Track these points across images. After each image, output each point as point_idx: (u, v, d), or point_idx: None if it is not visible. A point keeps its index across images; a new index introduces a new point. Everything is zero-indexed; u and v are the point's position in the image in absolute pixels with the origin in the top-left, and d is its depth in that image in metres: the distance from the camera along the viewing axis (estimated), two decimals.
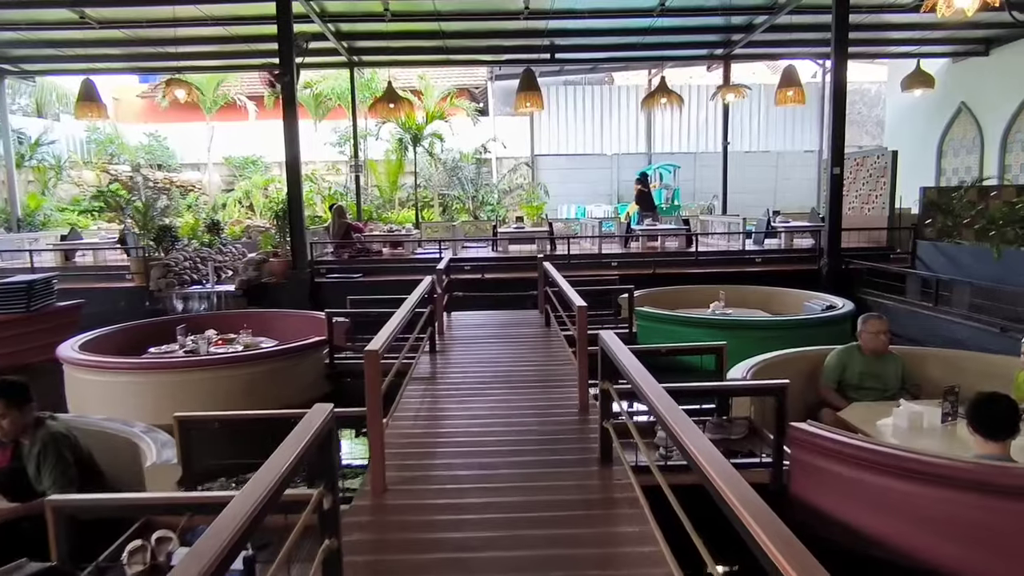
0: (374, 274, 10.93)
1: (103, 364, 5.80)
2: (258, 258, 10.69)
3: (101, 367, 5.77)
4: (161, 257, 10.94)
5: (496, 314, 8.36)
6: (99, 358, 5.88)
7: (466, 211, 17.97)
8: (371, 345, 3.15)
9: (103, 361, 5.86)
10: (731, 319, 7.28)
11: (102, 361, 5.84)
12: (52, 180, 19.14)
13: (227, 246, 12.87)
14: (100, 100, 11.97)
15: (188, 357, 6.15)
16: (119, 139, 21.25)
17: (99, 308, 10.53)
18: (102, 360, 5.87)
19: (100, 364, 5.79)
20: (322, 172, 20.11)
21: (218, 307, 10.31)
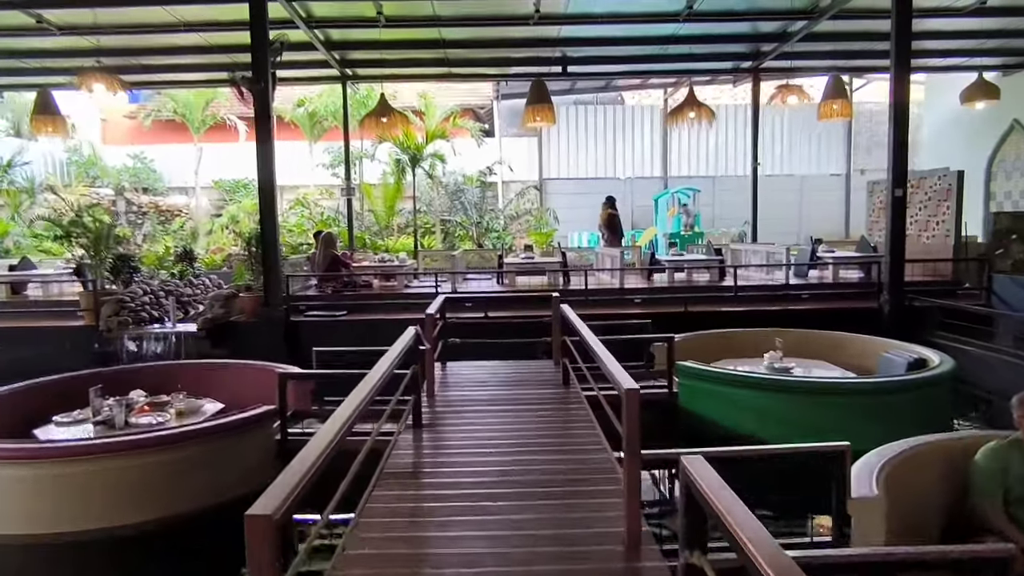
0: (361, 312, 9.44)
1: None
2: (226, 293, 9.22)
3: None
4: (115, 291, 9.49)
5: (501, 366, 6.85)
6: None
7: (469, 238, 16.56)
8: (259, 507, 1.62)
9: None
10: (806, 380, 5.71)
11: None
12: (25, 204, 17.87)
13: (200, 278, 11.43)
14: (59, 113, 10.65)
15: (78, 442, 4.56)
16: (100, 160, 20.01)
17: (41, 351, 9.08)
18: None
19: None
20: (315, 196, 18.76)
21: (176, 350, 8.83)
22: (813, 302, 9.63)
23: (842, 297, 9.73)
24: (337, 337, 9.01)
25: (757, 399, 5.50)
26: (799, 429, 5.20)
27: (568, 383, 5.95)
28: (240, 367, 6.40)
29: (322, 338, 9.03)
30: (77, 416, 5.22)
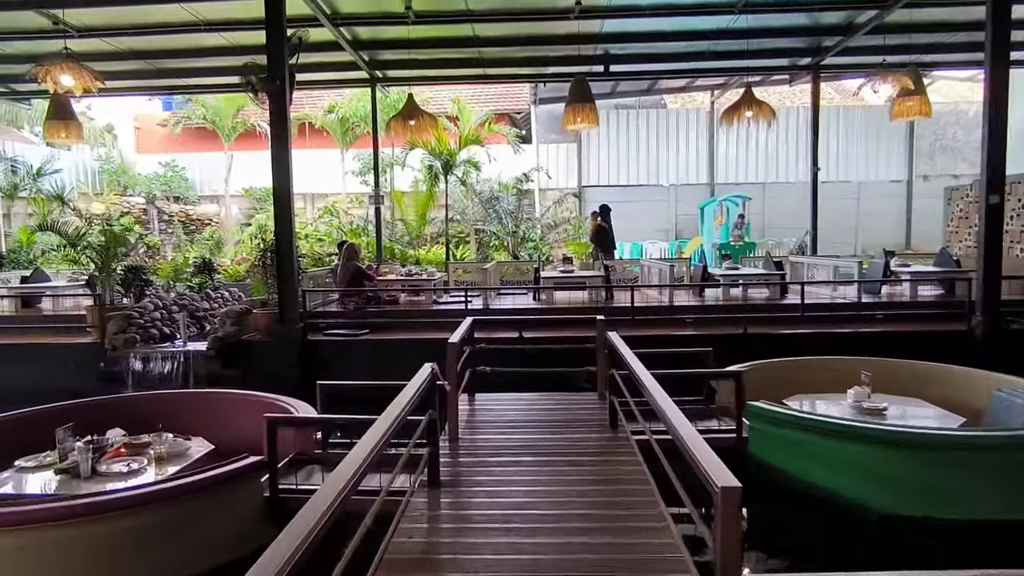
0: (385, 331, 8.64)
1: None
2: (238, 309, 8.52)
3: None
4: (124, 306, 8.88)
5: (538, 399, 5.95)
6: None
7: (505, 248, 15.71)
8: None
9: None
10: (920, 433, 4.61)
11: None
12: (56, 212, 17.63)
13: (219, 290, 10.80)
14: (73, 118, 10.12)
15: (18, 508, 3.71)
16: (131, 169, 19.76)
17: (44, 370, 8.49)
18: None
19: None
20: (345, 205, 18.15)
21: (185, 371, 8.15)
22: (889, 323, 8.51)
23: (924, 318, 8.58)
24: (357, 358, 8.24)
25: (854, 453, 4.48)
26: (910, 493, 4.19)
27: (616, 425, 5.02)
28: (238, 399, 5.63)
29: (341, 359, 8.28)
30: (44, 459, 4.49)
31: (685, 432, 2.74)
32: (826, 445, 4.50)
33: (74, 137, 10.11)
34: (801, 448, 4.65)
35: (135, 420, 5.25)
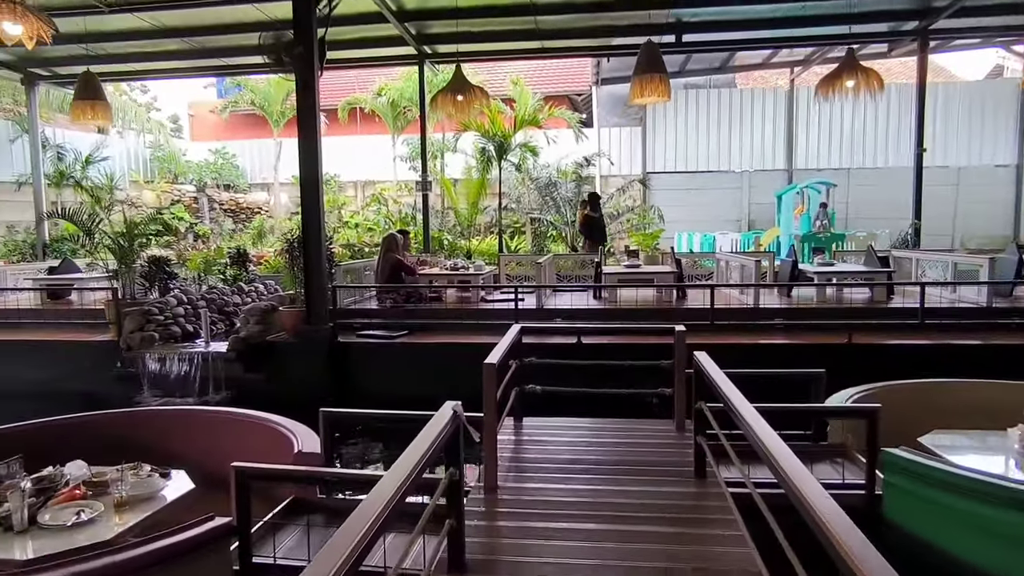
0: (425, 333, 7.64)
1: None
2: (263, 306, 7.65)
3: None
4: (143, 301, 8.14)
5: (600, 428, 4.80)
6: None
7: (562, 239, 14.52)
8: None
9: None
10: None
11: None
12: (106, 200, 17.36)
13: (253, 283, 10.03)
14: (101, 97, 9.47)
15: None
16: (182, 156, 19.40)
17: (60, 368, 7.84)
18: None
19: None
20: (394, 193, 17.29)
21: (203, 374, 7.33)
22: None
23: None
24: (392, 364, 7.26)
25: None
26: None
27: (704, 472, 3.84)
28: (228, 420, 4.67)
29: (373, 365, 7.32)
30: None
31: (809, 490, 1.80)
32: (1009, 521, 3.21)
33: (101, 117, 9.47)
34: (966, 520, 3.37)
35: (110, 443, 4.37)
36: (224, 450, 4.49)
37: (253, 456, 4.05)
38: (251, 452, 4.29)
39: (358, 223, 17.02)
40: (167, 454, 4.35)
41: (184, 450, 4.48)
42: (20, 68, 12.58)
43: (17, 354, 7.93)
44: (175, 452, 4.44)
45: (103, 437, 4.44)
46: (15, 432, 4.19)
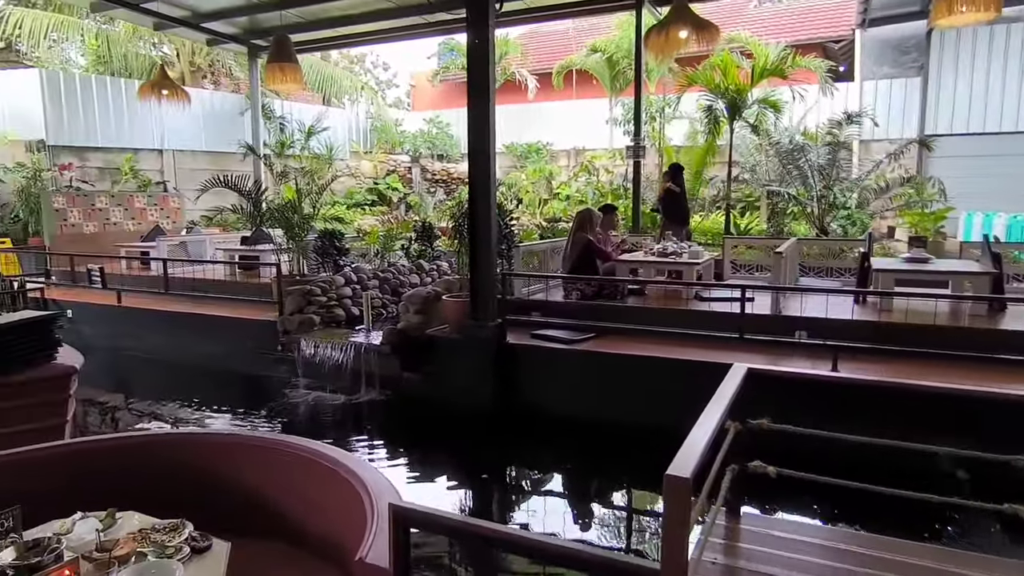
0: (618, 339, 5.90)
1: None
2: (425, 293, 6.44)
3: None
4: (310, 279, 7.38)
5: (879, 552, 2.72)
6: None
7: (807, 218, 11.75)
8: None
9: None
10: None
11: None
12: (327, 170, 17.88)
13: (437, 261, 9.02)
14: (291, 59, 8.94)
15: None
16: (399, 126, 19.43)
17: (224, 347, 7.39)
18: None
19: None
20: (606, 161, 15.53)
21: (356, 368, 6.34)
22: None
23: None
24: (570, 377, 5.65)
25: None
26: None
27: None
28: (294, 457, 3.35)
29: (547, 376, 5.76)
30: None
31: None
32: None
33: (291, 80, 8.93)
34: None
35: (149, 472, 3.30)
36: (273, 494, 3.25)
37: (314, 511, 2.78)
38: (308, 503, 3.02)
39: (568, 195, 15.62)
40: (198, 492, 3.21)
41: (234, 488, 3.30)
42: (244, 41, 12.84)
43: (191, 327, 7.66)
44: (212, 490, 3.27)
45: (128, 465, 3.37)
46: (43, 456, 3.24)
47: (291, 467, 3.27)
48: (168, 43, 16.58)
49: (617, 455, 5.16)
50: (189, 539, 2.80)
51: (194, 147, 15.15)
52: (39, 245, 10.82)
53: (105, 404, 6.80)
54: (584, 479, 4.97)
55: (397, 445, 5.67)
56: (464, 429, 5.71)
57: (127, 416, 6.46)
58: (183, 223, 12.69)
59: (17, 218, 11.84)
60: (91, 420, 6.34)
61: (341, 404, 6.24)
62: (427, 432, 5.84)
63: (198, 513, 3.08)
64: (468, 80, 6.03)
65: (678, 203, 9.31)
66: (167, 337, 7.89)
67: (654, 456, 4.97)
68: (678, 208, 9.28)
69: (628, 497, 4.77)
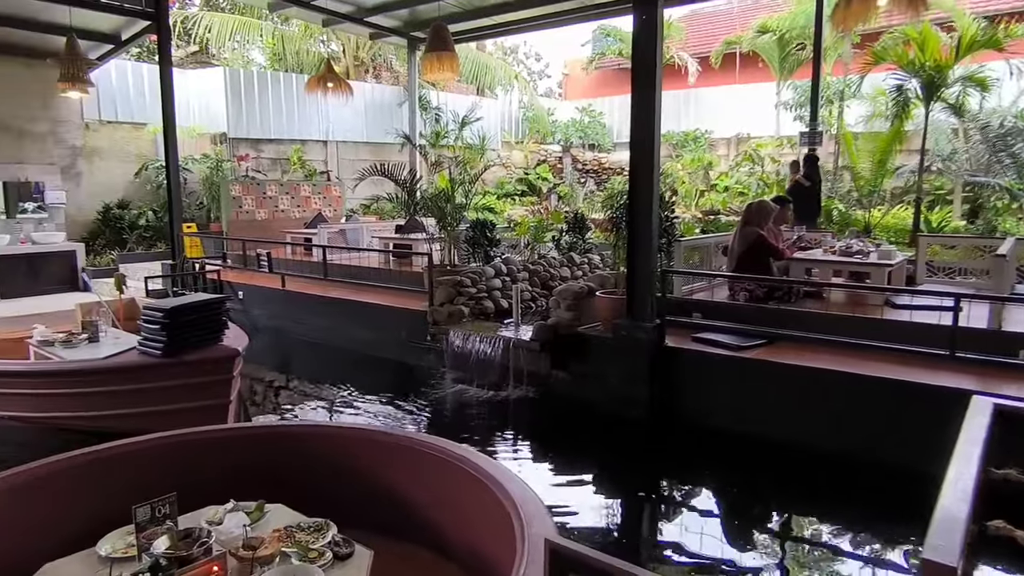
0: (793, 347, 5.22)
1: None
2: (577, 288, 6.09)
3: None
4: (460, 269, 7.28)
5: None
6: None
7: (1016, 213, 10.11)
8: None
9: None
10: None
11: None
12: (479, 160, 18.03)
13: (589, 254, 8.67)
14: (447, 48, 8.91)
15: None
16: (551, 115, 19.19)
17: (377, 334, 7.49)
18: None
19: None
20: (771, 150, 14.33)
21: (503, 363, 6.12)
22: None
23: None
24: (737, 388, 5.08)
25: None
26: None
27: None
28: (440, 457, 3.08)
29: (710, 384, 5.22)
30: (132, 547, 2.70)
31: None
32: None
33: (447, 69, 8.89)
34: None
35: (299, 463, 3.22)
36: (417, 496, 3.05)
37: (458, 519, 2.55)
38: (452, 510, 2.79)
39: (727, 186, 14.65)
40: (342, 486, 3.08)
41: (365, 484, 3.15)
42: (404, 33, 13.14)
43: (346, 313, 7.84)
44: (355, 485, 3.14)
45: (286, 455, 3.29)
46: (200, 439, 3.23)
47: (436, 470, 3.05)
48: (335, 40, 17.44)
49: (792, 481, 4.55)
50: (332, 543, 2.66)
51: (355, 138, 15.82)
52: (218, 231, 11.70)
53: (269, 382, 7.11)
54: (754, 505, 4.41)
55: (542, 446, 5.38)
56: (615, 436, 5.32)
57: (287, 396, 6.70)
58: (343, 211, 13.24)
59: (202, 205, 12.91)
60: (256, 397, 6.62)
61: (487, 399, 6.06)
62: (575, 435, 5.51)
63: (340, 507, 2.96)
64: (632, 63, 5.56)
65: (808, 198, 8.35)
66: (324, 321, 8.16)
67: (840, 485, 4.36)
68: (808, 203, 8.31)
69: (806, 531, 4.16)
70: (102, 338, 5.70)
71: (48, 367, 5.22)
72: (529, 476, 4.65)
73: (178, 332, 4.73)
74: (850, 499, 4.29)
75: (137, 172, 12.75)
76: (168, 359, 4.70)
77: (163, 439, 3.15)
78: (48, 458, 2.81)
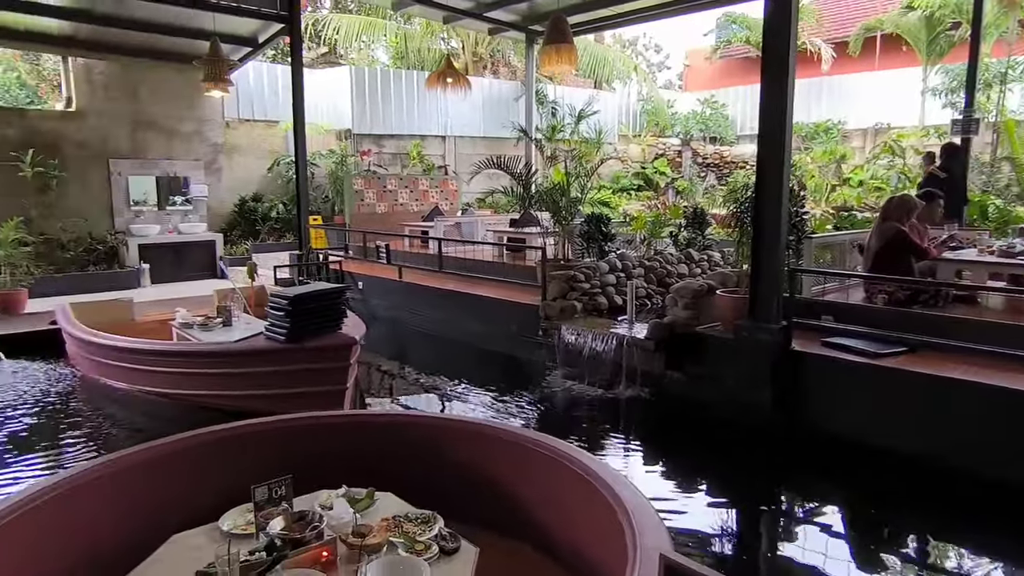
0: (940, 357, 4.71)
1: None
2: (696, 286, 5.80)
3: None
4: (574, 264, 7.15)
5: None
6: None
7: None
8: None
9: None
10: None
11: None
12: (595, 154, 17.77)
13: (708, 250, 8.31)
14: (566, 40, 8.78)
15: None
16: (671, 108, 18.61)
17: (489, 327, 7.53)
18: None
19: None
20: (915, 140, 13.15)
21: (616, 361, 5.94)
22: None
23: None
24: (876, 401, 4.66)
25: None
26: None
27: None
28: (547, 455, 2.94)
29: (842, 393, 4.82)
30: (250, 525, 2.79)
31: None
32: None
33: (565, 61, 8.75)
34: None
35: (407, 452, 3.24)
36: (522, 492, 2.97)
37: (564, 520, 2.47)
38: (558, 509, 2.71)
39: (862, 180, 13.61)
40: (448, 477, 3.05)
41: (471, 477, 3.11)
42: (522, 28, 13.14)
43: (460, 305, 7.92)
44: (462, 478, 3.11)
45: (395, 444, 3.30)
46: (316, 423, 3.31)
47: (544, 468, 2.95)
48: (455, 36, 17.75)
49: (929, 500, 4.10)
50: (439, 537, 2.64)
51: (472, 133, 16.05)
52: (341, 223, 12.22)
53: (384, 371, 7.31)
54: (884, 524, 4.01)
55: (655, 449, 5.17)
56: (732, 441, 5.03)
57: (401, 385, 6.85)
58: (459, 204, 13.46)
59: (327, 198, 13.54)
60: (371, 384, 6.82)
61: (598, 397, 5.91)
62: (689, 439, 5.26)
63: (445, 499, 2.94)
64: (763, 50, 5.22)
65: (946, 191, 7.45)
66: (438, 312, 8.30)
67: (987, 509, 3.87)
68: (946, 198, 7.41)
69: (944, 559, 3.72)
70: (235, 322, 6.06)
71: (184, 348, 5.61)
72: (639, 479, 4.48)
73: (301, 320, 4.93)
74: (998, 527, 3.81)
75: (270, 167, 13.55)
76: (291, 344, 4.91)
77: (281, 422, 3.26)
78: (177, 435, 2.97)
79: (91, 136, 11.29)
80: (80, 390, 6.06)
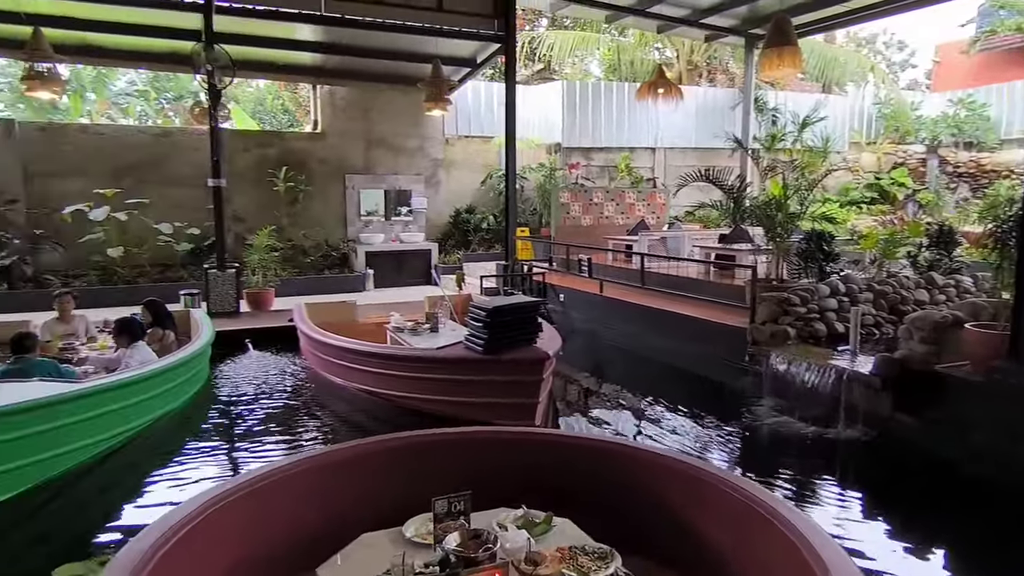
0: None
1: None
2: (939, 317, 4.96)
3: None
4: (789, 285, 6.51)
5: None
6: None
7: None
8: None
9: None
10: None
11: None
12: (820, 164, 16.26)
13: (956, 275, 7.19)
14: (792, 42, 8.10)
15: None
16: (914, 111, 16.48)
17: (691, 348, 7.15)
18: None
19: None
20: None
21: (836, 395, 5.28)
22: None
23: None
24: None
25: None
26: None
27: None
28: (738, 498, 2.60)
29: None
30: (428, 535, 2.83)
31: None
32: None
33: (788, 65, 8.10)
34: None
35: (581, 477, 3.09)
36: (702, 529, 2.66)
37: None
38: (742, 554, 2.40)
39: None
40: (623, 505, 2.85)
41: (645, 507, 2.87)
42: (742, 32, 12.46)
43: (661, 323, 7.62)
44: (637, 506, 2.88)
45: (571, 467, 3.16)
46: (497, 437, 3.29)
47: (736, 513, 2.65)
48: (670, 46, 17.33)
49: None
50: None
51: (684, 144, 15.52)
52: (547, 235, 12.43)
53: (579, 385, 7.24)
54: None
55: (875, 502, 4.48)
56: (981, 505, 4.20)
57: (595, 400, 6.72)
58: (666, 218, 13.06)
59: (535, 210, 13.88)
60: (567, 397, 6.78)
61: (810, 435, 5.29)
62: (921, 497, 4.49)
63: (628, 534, 2.77)
64: None
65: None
66: (637, 328, 8.06)
67: None
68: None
69: None
70: (441, 329, 6.37)
71: (390, 351, 5.98)
72: (855, 537, 3.90)
73: (497, 331, 5.01)
74: None
75: (483, 180, 14.22)
76: (487, 355, 5.01)
77: (466, 433, 3.30)
78: (370, 438, 3.12)
79: (331, 154, 12.70)
80: (308, 383, 6.74)
